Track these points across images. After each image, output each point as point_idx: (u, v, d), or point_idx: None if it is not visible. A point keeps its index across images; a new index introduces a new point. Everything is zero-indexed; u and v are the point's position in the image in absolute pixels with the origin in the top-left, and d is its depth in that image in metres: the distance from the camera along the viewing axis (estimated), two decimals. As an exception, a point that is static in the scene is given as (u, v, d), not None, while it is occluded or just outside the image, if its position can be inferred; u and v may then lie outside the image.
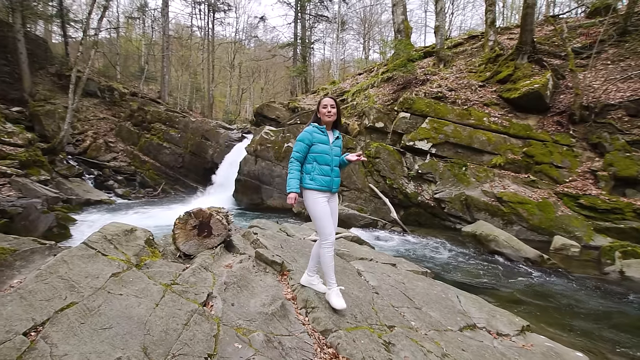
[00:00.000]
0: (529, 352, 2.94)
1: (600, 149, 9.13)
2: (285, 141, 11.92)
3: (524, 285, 5.10)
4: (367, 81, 14.28)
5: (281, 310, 2.63)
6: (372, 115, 11.97)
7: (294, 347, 2.23)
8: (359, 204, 10.66)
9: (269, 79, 36.33)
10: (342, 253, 4.69)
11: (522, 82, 10.53)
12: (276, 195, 11.85)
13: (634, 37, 11.13)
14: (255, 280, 3.14)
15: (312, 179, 2.63)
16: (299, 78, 22.66)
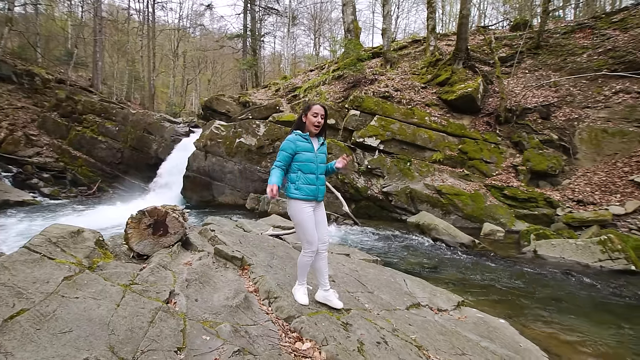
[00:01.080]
0: (463, 322, 3.43)
1: (520, 146, 10.55)
2: (237, 136, 11.69)
3: (460, 267, 5.80)
4: (318, 78, 14.54)
5: (245, 303, 2.73)
6: (324, 112, 12.26)
7: (260, 334, 2.36)
8: (312, 199, 10.92)
9: (216, 71, 34.80)
10: (299, 246, 4.87)
11: (458, 86, 11.66)
12: (228, 191, 11.60)
13: (544, 51, 12.97)
14: (216, 276, 3.18)
15: (297, 188, 2.55)
16: (249, 71, 22.13)
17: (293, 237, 5.31)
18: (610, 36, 12.11)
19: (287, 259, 3.97)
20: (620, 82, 10.54)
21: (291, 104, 13.74)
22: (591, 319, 4.00)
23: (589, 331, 3.67)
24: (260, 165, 11.49)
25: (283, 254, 4.15)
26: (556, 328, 3.75)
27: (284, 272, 3.50)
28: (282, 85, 15.72)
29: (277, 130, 11.71)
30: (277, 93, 15.23)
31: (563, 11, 18.76)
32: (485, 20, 24.86)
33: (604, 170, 9.17)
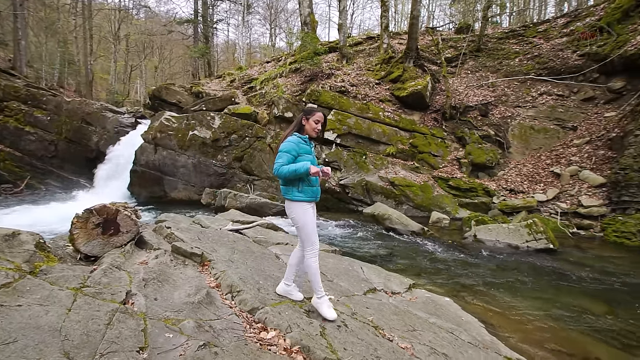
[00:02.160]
0: (414, 303, 3.76)
1: (462, 141, 11.51)
2: (190, 128, 11.16)
3: (411, 253, 6.27)
4: (275, 70, 14.36)
5: (207, 298, 2.73)
6: (281, 105, 12.19)
7: (225, 328, 2.39)
8: (270, 193, 10.90)
9: (164, 57, 32.48)
10: (259, 240, 4.90)
11: (409, 83, 12.31)
12: (181, 186, 11.09)
13: (484, 54, 14.18)
14: (175, 274, 3.11)
15: (300, 191, 2.55)
16: (201, 60, 21.05)
17: (253, 231, 5.31)
18: (537, 44, 13.63)
19: (248, 253, 3.99)
20: (544, 85, 11.96)
21: (247, 96, 13.42)
22: (519, 292, 4.62)
23: (518, 302, 4.25)
24: (216, 159, 11.13)
25: (244, 248, 4.16)
26: (491, 302, 4.27)
27: (246, 266, 3.52)
28: (238, 76, 15.25)
29: (234, 123, 11.40)
30: (233, 84, 14.75)
31: (500, 18, 20.61)
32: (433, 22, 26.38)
33: (531, 163, 10.42)
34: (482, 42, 14.42)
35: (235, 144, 11.25)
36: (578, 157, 9.58)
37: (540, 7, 26.15)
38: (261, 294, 2.88)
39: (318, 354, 2.11)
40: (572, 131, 10.64)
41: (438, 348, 2.59)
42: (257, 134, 11.42)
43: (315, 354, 2.12)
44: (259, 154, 11.15)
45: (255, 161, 11.10)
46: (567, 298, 4.38)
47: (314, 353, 2.13)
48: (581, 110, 10.98)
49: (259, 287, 3.01)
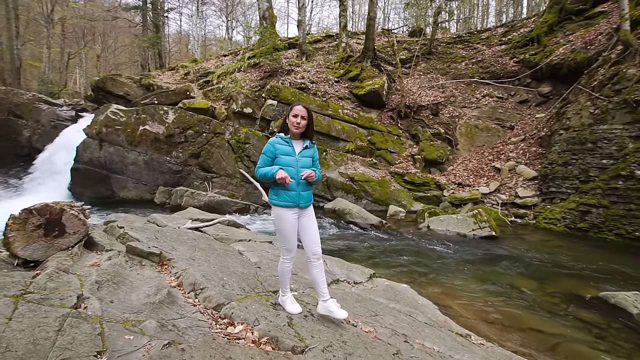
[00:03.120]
0: (375, 290, 3.96)
1: (416, 138, 12.18)
2: (141, 123, 10.45)
3: (371, 245, 6.54)
4: (233, 64, 13.95)
5: (169, 298, 2.63)
6: (240, 100, 11.90)
7: (189, 326, 2.34)
8: (230, 190, 10.62)
9: (108, 46, 29.81)
10: (221, 237, 4.79)
11: (366, 82, 12.71)
12: (131, 185, 10.36)
13: (435, 57, 15.09)
14: (132, 275, 2.95)
15: (276, 194, 2.43)
16: (151, 50, 19.71)
17: (214, 228, 5.17)
18: (480, 50, 14.83)
19: (210, 251, 3.89)
20: (486, 88, 13.08)
21: (203, 90, 12.89)
22: (467, 275, 5.06)
23: (466, 285, 4.66)
24: (171, 156, 10.56)
25: (205, 246, 4.05)
26: (444, 286, 4.63)
27: (208, 263, 3.44)
28: (192, 69, 14.56)
29: (189, 118, 10.89)
30: (187, 77, 14.05)
31: (448, 24, 22.06)
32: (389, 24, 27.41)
33: (476, 159, 11.37)
34: (433, 45, 15.33)
35: (191, 140, 10.76)
36: (515, 154, 10.66)
37: (483, 16, 28.45)
38: (226, 290, 2.85)
39: (287, 343, 2.16)
40: (510, 130, 11.79)
41: (398, 329, 2.77)
42: (215, 129, 11.03)
43: (284, 343, 2.16)
44: (218, 151, 10.80)
45: (214, 158, 10.73)
46: (506, 278, 4.91)
47: (282, 342, 2.17)
48: (517, 111, 12.21)
49: (223, 283, 2.97)
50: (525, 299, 4.18)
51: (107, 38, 28.94)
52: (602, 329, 3.49)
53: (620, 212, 7.07)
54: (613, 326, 3.55)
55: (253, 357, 1.90)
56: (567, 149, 8.65)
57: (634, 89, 7.67)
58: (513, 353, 2.84)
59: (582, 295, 4.26)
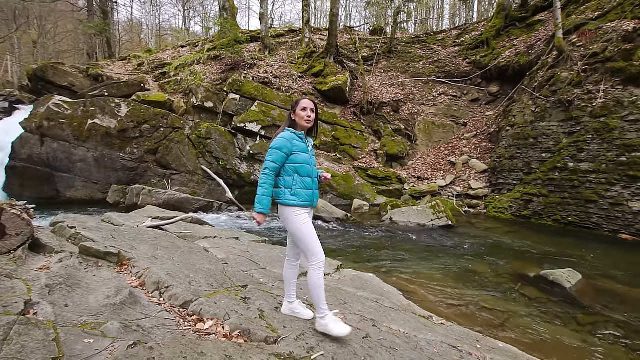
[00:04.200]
0: (343, 280, 4.07)
1: (378, 134, 12.58)
2: (90, 116, 9.64)
3: (337, 238, 6.68)
4: (192, 56, 13.33)
5: (131, 298, 2.50)
6: (200, 94, 11.44)
7: (155, 325, 2.24)
8: (191, 188, 10.22)
9: (46, 31, 26.91)
10: (184, 235, 4.61)
11: (330, 78, 12.84)
12: (80, 184, 9.55)
13: (395, 56, 15.63)
14: (88, 277, 2.75)
15: (294, 194, 2.25)
16: (99, 38, 18.16)
17: (176, 226, 4.96)
18: (436, 50, 15.63)
19: (173, 249, 3.74)
20: (442, 87, 13.84)
21: (160, 82, 12.19)
22: (427, 262, 5.37)
23: (426, 271, 4.95)
24: (125, 152, 9.88)
25: (168, 244, 3.88)
26: (406, 273, 4.88)
27: (173, 261, 3.31)
28: (147, 60, 13.68)
29: (145, 112, 10.25)
30: (141, 68, 13.18)
31: (407, 25, 22.93)
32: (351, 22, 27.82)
33: (433, 153, 12.02)
34: (393, 44, 15.87)
35: (147, 135, 10.15)
36: (468, 149, 11.44)
37: (439, 18, 29.94)
38: (193, 287, 2.77)
39: (259, 335, 2.16)
40: (464, 127, 12.61)
41: (366, 315, 2.89)
42: (173, 124, 10.50)
43: (257, 335, 2.16)
44: (177, 146, 10.30)
45: (173, 154, 10.23)
46: (462, 262, 5.29)
47: (255, 334, 2.17)
48: (470, 109, 13.08)
49: (190, 280, 2.88)
50: (478, 281, 4.54)
51: (46, 22, 26.10)
52: (543, 303, 3.92)
53: (557, 200, 7.91)
54: (552, 299, 4.00)
55: (226, 350, 1.88)
56: (512, 144, 9.47)
57: (566, 91, 8.58)
58: (470, 330, 3.09)
59: (527, 275, 4.73)
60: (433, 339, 2.58)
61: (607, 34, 8.49)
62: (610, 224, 7.12)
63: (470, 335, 2.97)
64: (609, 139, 7.46)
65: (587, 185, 7.52)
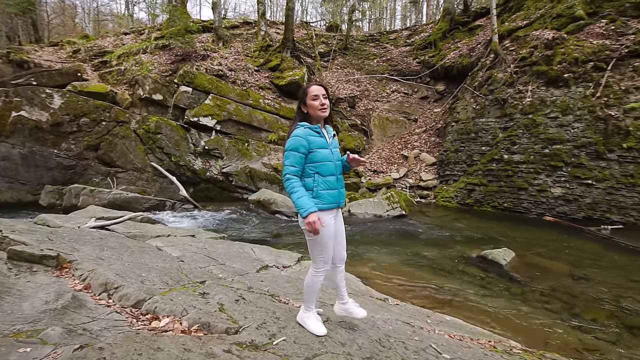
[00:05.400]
0: (303, 272, 4.14)
1: (336, 129, 12.76)
2: (14, 108, 8.55)
3: (297, 231, 6.72)
4: (137, 45, 12.38)
5: (74, 302, 2.32)
6: (147, 85, 10.70)
7: (104, 327, 2.11)
8: (140, 186, 9.58)
9: (-47, 8, 22.98)
10: (134, 235, 4.34)
11: (287, 73, 12.75)
12: (3, 185, 8.48)
13: (350, 53, 15.97)
14: (20, 283, 2.49)
15: (316, 196, 1.98)
16: (22, 19, 16.03)
17: (124, 226, 4.64)
18: (389, 49, 16.28)
19: (122, 249, 3.51)
20: (395, 84, 14.47)
21: (100, 72, 11.17)
22: (383, 249, 5.66)
23: (382, 257, 5.21)
24: (59, 148, 8.93)
25: (116, 244, 3.62)
26: (364, 260, 5.10)
27: (122, 261, 3.11)
28: (84, 47, 12.42)
29: (83, 104, 9.34)
30: (77, 56, 11.95)
31: (362, 23, 23.52)
32: (307, 17, 27.78)
33: (388, 148, 12.57)
34: (349, 42, 16.20)
35: (87, 129, 9.27)
36: (419, 143, 12.14)
37: (391, 18, 31.12)
38: (146, 285, 2.64)
39: (220, 327, 2.14)
40: (415, 122, 13.34)
41: (327, 301, 2.98)
42: (117, 117, 9.71)
43: (217, 327, 2.13)
44: (122, 142, 9.56)
45: (118, 150, 9.47)
46: (414, 248, 5.66)
47: (215, 327, 2.14)
48: (420, 106, 13.86)
49: (142, 279, 2.74)
50: (429, 264, 4.90)
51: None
52: (483, 279, 4.36)
53: (494, 189, 8.76)
54: (490, 276, 4.46)
55: (185, 344, 1.83)
56: (457, 138, 10.25)
57: (501, 90, 9.49)
58: (422, 307, 3.34)
59: (470, 255, 5.21)
60: (389, 318, 2.75)
61: (533, 41, 9.53)
62: (537, 208, 8.08)
63: (421, 312, 3.21)
64: (536, 133, 8.43)
65: (519, 175, 8.43)
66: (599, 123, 7.87)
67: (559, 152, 8.02)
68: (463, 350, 2.33)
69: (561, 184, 7.95)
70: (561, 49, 8.83)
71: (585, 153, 7.85)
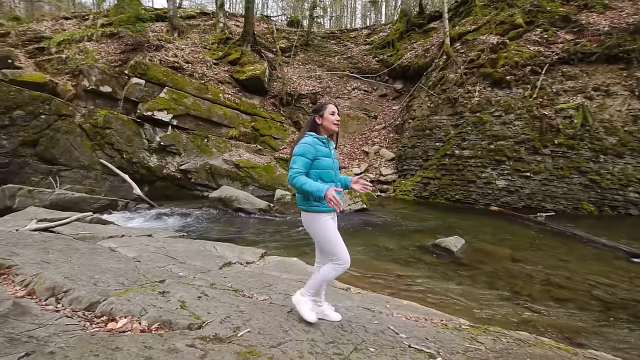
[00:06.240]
0: (267, 266, 4.15)
1: (298, 125, 12.83)
2: None
3: (261, 228, 6.69)
4: (81, 31, 11.36)
5: (16, 309, 2.14)
6: (94, 76, 9.90)
7: (53, 333, 1.98)
8: (88, 185, 8.89)
9: None
10: (84, 236, 4.05)
11: (247, 67, 12.49)
12: None
13: (312, 49, 16.03)
14: (-52, 293, 2.24)
15: (319, 199, 2.18)
16: None
17: (71, 228, 4.30)
18: (349, 47, 16.59)
19: (70, 251, 3.27)
20: (355, 82, 14.81)
21: (36, 60, 10.12)
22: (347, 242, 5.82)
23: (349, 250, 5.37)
24: (-12, 144, 7.97)
25: (63, 247, 3.37)
26: (327, 254, 5.22)
27: (71, 264, 2.91)
28: (15, 30, 11.13)
29: (16, 94, 8.40)
30: (6, 40, 10.67)
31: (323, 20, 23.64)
32: (267, 11, 27.24)
33: (349, 144, 12.87)
34: (310, 38, 16.24)
35: (22, 123, 8.37)
36: (378, 139, 12.58)
37: (352, 16, 31.64)
38: (100, 287, 2.51)
39: (182, 323, 2.11)
40: (374, 119, 13.79)
41: (291, 293, 3.03)
42: (59, 110, 8.88)
43: (179, 323, 2.11)
44: (66, 137, 8.77)
45: (60, 146, 8.68)
46: (375, 240, 5.91)
47: (177, 324, 2.11)
48: (379, 103, 14.34)
49: (95, 281, 2.60)
50: (388, 254, 5.17)
51: None
52: (437, 265, 4.70)
53: (447, 182, 9.38)
54: (443, 262, 4.82)
55: (145, 342, 1.79)
56: (414, 134, 10.79)
57: (453, 90, 10.15)
58: (381, 294, 3.53)
59: (426, 244, 5.57)
60: (351, 305, 2.88)
61: (480, 45, 10.30)
62: (484, 199, 8.81)
63: (381, 299, 3.40)
64: (483, 130, 9.16)
65: (469, 169, 9.12)
66: (536, 121, 8.76)
67: (503, 148, 8.81)
68: (418, 330, 2.52)
69: (504, 177, 8.74)
70: (504, 53, 9.66)
71: (524, 148, 8.69)
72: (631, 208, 8.04)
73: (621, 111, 8.60)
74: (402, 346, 2.19)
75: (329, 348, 2.05)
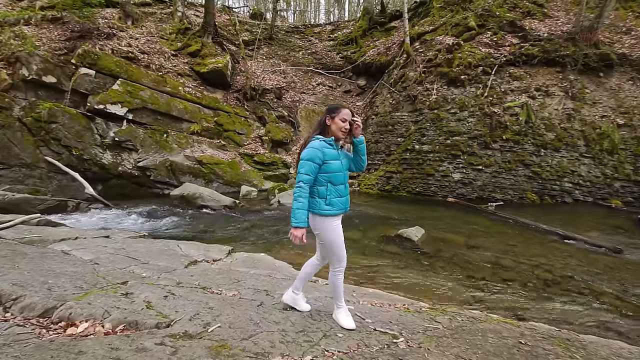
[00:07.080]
0: (234, 263, 4.13)
1: (263, 120, 12.67)
2: None
3: (227, 224, 6.58)
4: (16, 13, 10.23)
5: (-43, 321, 1.97)
6: (34, 64, 8.99)
7: (3, 344, 1.85)
8: (31, 185, 8.14)
9: None
10: (31, 240, 3.75)
11: (209, 60, 12.06)
12: None
13: (276, 43, 15.83)
14: None
15: (329, 203, 2.21)
16: None
17: (16, 231, 3.94)
18: (314, 42, 16.61)
19: (17, 256, 3.02)
20: (320, 77, 14.90)
21: (-38, 45, 8.93)
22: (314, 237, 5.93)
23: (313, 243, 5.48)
24: None
25: (7, 252, 3.10)
26: (296, 248, 5.29)
27: (19, 270, 2.70)
28: None
29: (-62, 83, 7.39)
30: None
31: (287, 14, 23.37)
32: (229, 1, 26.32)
33: (315, 140, 12.96)
34: (274, 32, 16.01)
35: (-54, 115, 7.41)
36: (344, 135, 12.81)
37: (316, 12, 31.59)
38: (55, 292, 2.37)
39: (149, 323, 2.07)
40: (339, 115, 14.00)
41: (260, 288, 3.08)
42: None
43: (146, 323, 2.07)
44: (3, 132, 7.92)
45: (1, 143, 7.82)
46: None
47: (144, 324, 2.07)
48: (343, 99, 14.57)
49: (49, 286, 2.45)
50: (354, 246, 5.35)
51: None
52: (400, 255, 4.97)
53: (408, 176, 9.85)
54: (405, 251, 5.11)
55: (111, 343, 1.74)
56: (377, 130, 11.15)
57: (413, 87, 10.62)
58: (348, 284, 3.68)
59: (389, 235, 5.84)
60: (319, 296, 2.99)
61: (438, 45, 10.86)
62: (442, 191, 9.39)
63: (348, 288, 3.54)
64: (440, 126, 9.71)
65: (428, 163, 9.64)
66: (487, 118, 9.47)
67: (458, 143, 9.42)
68: (382, 314, 2.69)
69: (460, 170, 9.36)
70: (459, 54, 10.27)
71: (477, 143, 9.37)
72: (566, 197, 9.03)
73: (558, 110, 9.58)
74: (368, 330, 2.34)
75: (299, 336, 2.13)
